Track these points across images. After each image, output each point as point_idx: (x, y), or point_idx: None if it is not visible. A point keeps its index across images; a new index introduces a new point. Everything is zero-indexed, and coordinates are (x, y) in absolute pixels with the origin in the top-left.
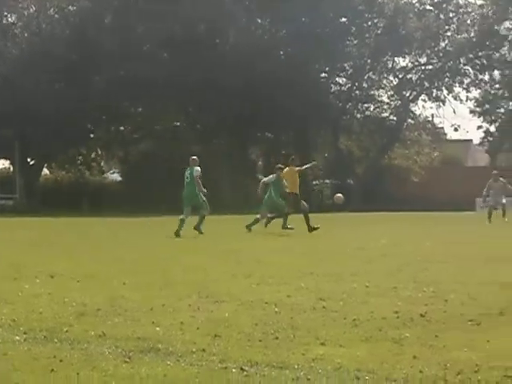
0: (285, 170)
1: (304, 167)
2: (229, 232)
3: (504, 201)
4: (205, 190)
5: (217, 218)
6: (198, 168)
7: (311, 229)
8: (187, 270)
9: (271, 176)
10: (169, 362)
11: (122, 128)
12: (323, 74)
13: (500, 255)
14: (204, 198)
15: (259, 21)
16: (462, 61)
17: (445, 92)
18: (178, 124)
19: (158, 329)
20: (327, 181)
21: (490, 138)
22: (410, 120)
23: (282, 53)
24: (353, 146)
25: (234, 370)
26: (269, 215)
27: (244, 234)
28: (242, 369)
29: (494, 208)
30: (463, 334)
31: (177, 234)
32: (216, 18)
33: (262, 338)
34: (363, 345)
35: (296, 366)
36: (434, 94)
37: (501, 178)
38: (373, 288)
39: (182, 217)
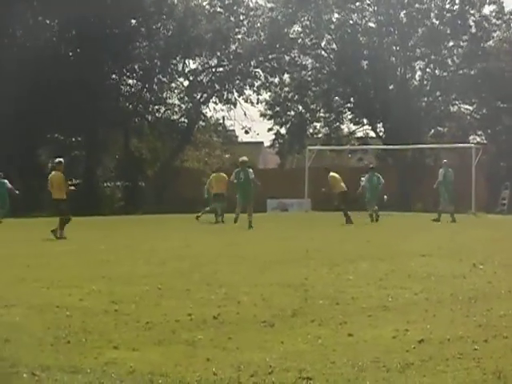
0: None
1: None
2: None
3: None
4: None
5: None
6: None
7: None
8: None
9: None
10: None
11: None
12: (113, 76)
13: (285, 256)
14: None
15: (47, 21)
16: (252, 63)
17: (236, 94)
18: None
19: None
20: (118, 183)
21: (281, 141)
22: (201, 122)
23: (71, 54)
24: (143, 147)
25: (25, 375)
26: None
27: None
28: (33, 373)
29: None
30: (257, 335)
31: None
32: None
33: (54, 342)
34: (156, 348)
35: (88, 370)
36: (224, 97)
37: None
38: (165, 290)
39: None
